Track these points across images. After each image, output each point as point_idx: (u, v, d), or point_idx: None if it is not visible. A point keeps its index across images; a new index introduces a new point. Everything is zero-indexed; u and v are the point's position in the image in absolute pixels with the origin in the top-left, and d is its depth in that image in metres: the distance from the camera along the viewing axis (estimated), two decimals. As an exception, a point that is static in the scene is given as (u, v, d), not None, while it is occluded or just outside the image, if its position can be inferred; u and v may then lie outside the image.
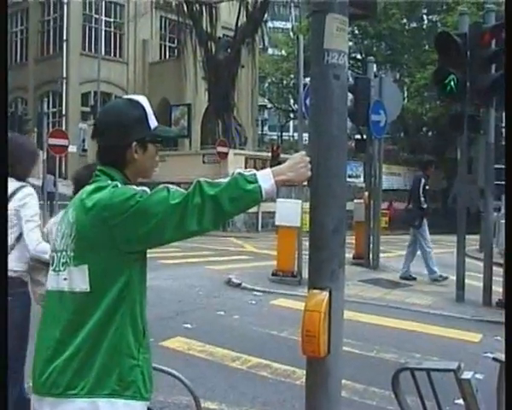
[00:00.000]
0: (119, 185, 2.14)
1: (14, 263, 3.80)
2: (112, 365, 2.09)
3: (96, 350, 2.07)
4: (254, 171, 2.19)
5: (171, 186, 2.11)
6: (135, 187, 2.14)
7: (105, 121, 2.32)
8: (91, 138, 2.44)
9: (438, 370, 2.64)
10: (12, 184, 3.89)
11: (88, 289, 2.09)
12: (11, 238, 3.83)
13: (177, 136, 4.46)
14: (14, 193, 3.91)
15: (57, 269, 2.19)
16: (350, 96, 12.40)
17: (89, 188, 2.20)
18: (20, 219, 3.89)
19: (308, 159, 2.33)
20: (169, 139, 2.80)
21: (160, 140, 2.34)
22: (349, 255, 13.37)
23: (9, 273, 3.31)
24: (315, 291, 2.39)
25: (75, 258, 2.13)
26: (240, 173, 2.15)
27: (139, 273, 2.18)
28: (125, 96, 2.41)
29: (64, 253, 2.17)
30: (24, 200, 3.97)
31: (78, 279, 2.11)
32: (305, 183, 2.38)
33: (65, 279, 2.15)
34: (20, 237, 3.91)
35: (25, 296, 3.97)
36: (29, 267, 4.01)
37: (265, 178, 2.16)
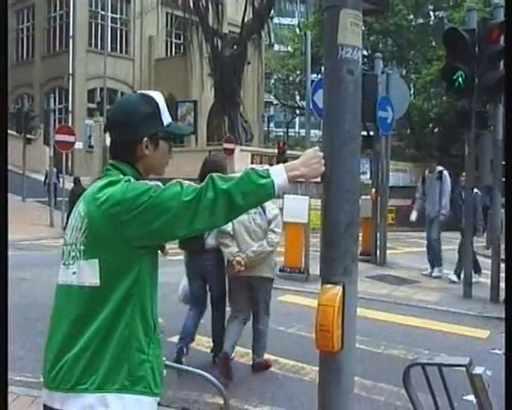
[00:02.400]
0: (132, 180, 2.13)
1: (211, 240, 5.92)
2: (121, 360, 2.08)
3: (106, 345, 2.07)
4: (267, 166, 2.20)
5: (184, 181, 2.11)
6: (148, 182, 2.13)
7: (115, 115, 2.31)
8: (104, 132, 2.44)
9: (449, 365, 2.64)
10: None
11: (98, 284, 2.08)
12: None
13: (190, 133, 4.36)
14: None
15: (67, 263, 2.18)
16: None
17: (100, 182, 2.18)
18: None
19: (321, 154, 2.33)
20: (182, 137, 2.77)
21: (172, 137, 2.32)
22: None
23: (208, 246, 5.94)
24: (328, 286, 2.39)
25: (85, 252, 2.11)
26: (252, 168, 2.16)
27: (150, 268, 2.17)
28: (139, 91, 2.38)
29: (74, 246, 2.16)
30: None
31: (88, 273, 2.10)
32: (319, 178, 2.38)
33: (74, 273, 2.14)
34: None
35: (219, 259, 6.02)
36: (218, 238, 5.90)
37: (278, 173, 2.16)
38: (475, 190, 11.47)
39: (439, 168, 12.32)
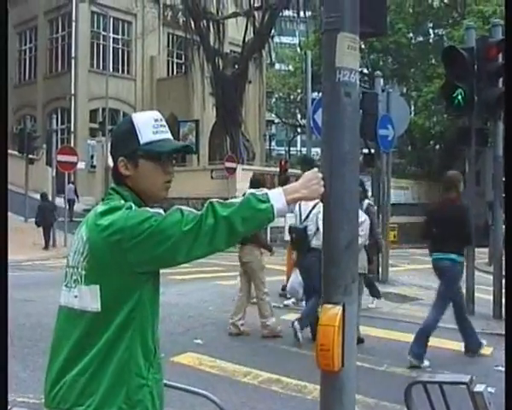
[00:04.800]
0: (133, 207, 2.13)
1: (315, 241, 7.66)
2: (120, 383, 2.08)
3: (105, 368, 2.07)
4: (266, 190, 2.20)
5: (184, 208, 2.11)
6: (149, 209, 2.13)
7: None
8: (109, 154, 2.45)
9: (450, 383, 2.65)
10: None
11: (99, 310, 2.08)
12: (313, 228, 7.77)
13: (175, 150, 3.70)
14: (313, 208, 7.74)
15: (69, 285, 2.19)
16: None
17: (102, 207, 2.18)
18: (318, 218, 7.43)
19: (321, 175, 2.35)
20: (163, 154, 2.59)
21: (153, 155, 2.23)
22: (358, 269, 13.35)
23: (313, 246, 7.73)
24: (328, 306, 2.41)
25: (87, 277, 2.12)
26: (252, 193, 2.16)
27: (151, 293, 2.17)
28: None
29: (75, 269, 2.16)
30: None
31: (89, 299, 2.10)
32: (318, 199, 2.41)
33: (75, 297, 2.14)
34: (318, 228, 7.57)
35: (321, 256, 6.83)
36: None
37: (277, 198, 2.17)
38: (367, 201, 10.11)
39: None
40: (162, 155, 2.25)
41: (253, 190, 2.19)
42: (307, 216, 8.00)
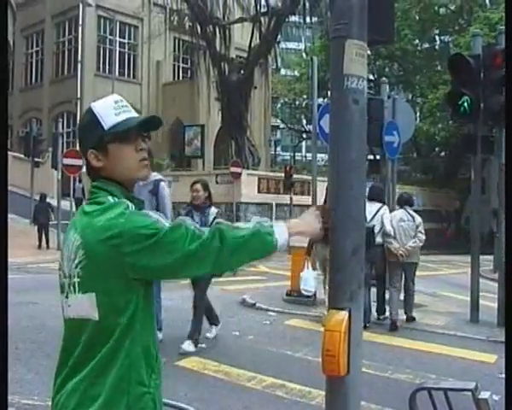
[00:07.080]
0: (130, 206, 2.05)
1: (378, 239, 9.40)
2: (120, 393, 2.02)
3: (104, 378, 2.00)
4: (271, 223, 2.18)
5: (188, 222, 2.03)
6: (150, 213, 2.05)
7: None
8: None
9: (455, 390, 2.65)
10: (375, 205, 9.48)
11: (97, 318, 2.01)
12: (378, 227, 9.44)
13: (142, 122, 3.05)
14: (378, 211, 9.50)
15: (67, 296, 2.11)
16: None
17: (90, 207, 2.08)
18: (383, 218, 9.46)
19: (318, 212, 2.40)
20: (131, 129, 2.31)
21: (121, 135, 2.12)
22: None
23: (377, 242, 9.29)
24: (335, 311, 2.43)
25: (82, 285, 2.03)
26: (260, 224, 2.14)
27: (146, 297, 2.10)
28: None
29: (68, 279, 2.08)
30: (386, 211, 9.78)
31: (86, 307, 2.03)
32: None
33: (69, 306, 2.09)
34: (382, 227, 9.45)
35: (383, 251, 9.61)
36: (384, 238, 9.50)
37: (281, 233, 2.17)
38: (214, 209, 8.38)
39: (156, 175, 8.10)
40: (130, 132, 2.14)
41: (258, 219, 2.18)
42: (373, 217, 9.36)
